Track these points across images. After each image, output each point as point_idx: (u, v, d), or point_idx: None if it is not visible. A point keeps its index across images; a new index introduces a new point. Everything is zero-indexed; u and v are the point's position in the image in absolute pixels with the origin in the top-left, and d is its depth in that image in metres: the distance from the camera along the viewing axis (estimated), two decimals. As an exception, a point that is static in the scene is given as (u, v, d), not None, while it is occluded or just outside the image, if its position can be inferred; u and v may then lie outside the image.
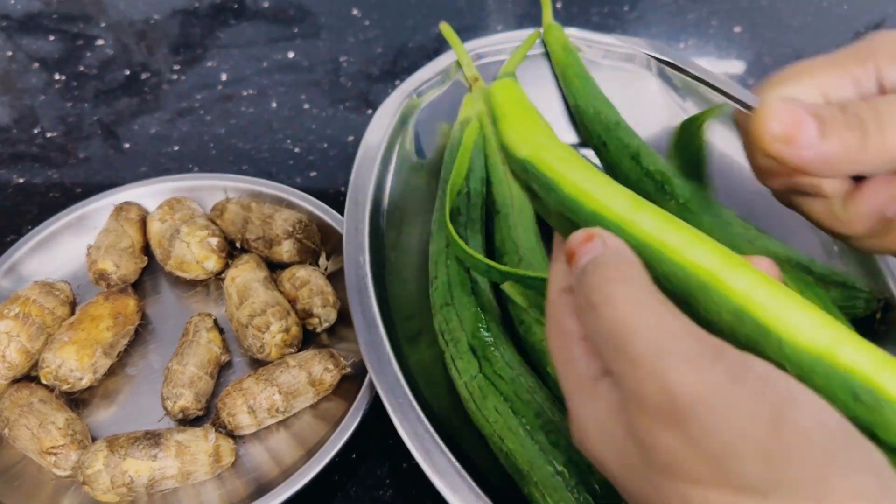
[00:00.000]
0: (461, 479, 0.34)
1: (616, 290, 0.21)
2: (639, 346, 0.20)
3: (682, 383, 0.19)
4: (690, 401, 0.18)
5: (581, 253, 0.23)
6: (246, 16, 0.83)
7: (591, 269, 0.22)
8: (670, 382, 0.19)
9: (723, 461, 0.18)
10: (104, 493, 0.41)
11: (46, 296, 0.48)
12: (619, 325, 0.20)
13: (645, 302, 0.21)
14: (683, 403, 0.19)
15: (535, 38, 0.62)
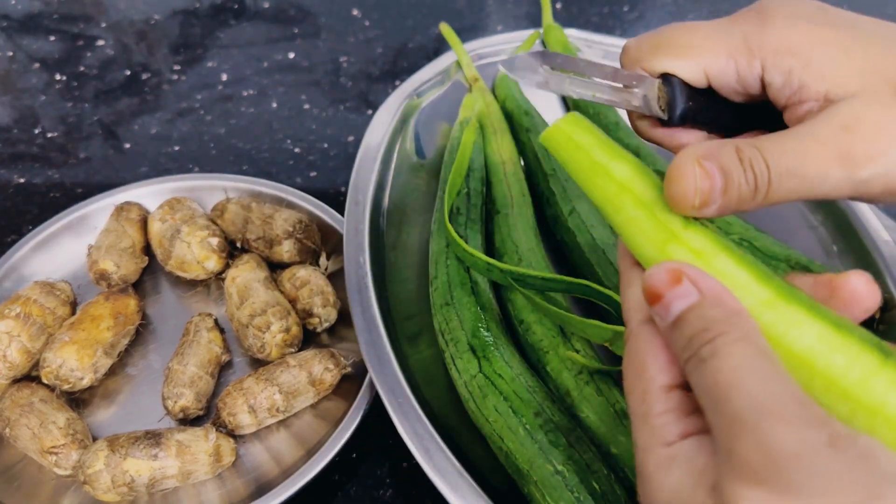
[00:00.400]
0: (461, 479, 0.34)
1: (727, 345, 0.20)
2: (740, 402, 0.19)
3: (781, 442, 0.18)
4: (787, 460, 0.18)
5: (671, 298, 0.22)
6: (246, 16, 0.83)
7: (697, 323, 0.21)
8: (768, 440, 0.18)
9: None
10: (105, 492, 0.41)
11: (47, 296, 0.48)
12: (723, 380, 0.20)
13: (756, 362, 0.20)
14: (779, 462, 0.18)
15: (535, 38, 0.62)
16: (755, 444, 0.18)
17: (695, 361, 0.21)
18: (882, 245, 0.46)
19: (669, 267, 0.23)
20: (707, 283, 0.22)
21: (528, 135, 0.54)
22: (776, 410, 0.19)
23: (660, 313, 0.23)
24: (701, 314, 0.21)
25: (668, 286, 0.22)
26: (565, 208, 0.49)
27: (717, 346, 0.20)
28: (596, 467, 0.34)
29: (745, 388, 0.19)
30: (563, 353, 0.40)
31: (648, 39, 0.30)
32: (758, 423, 0.19)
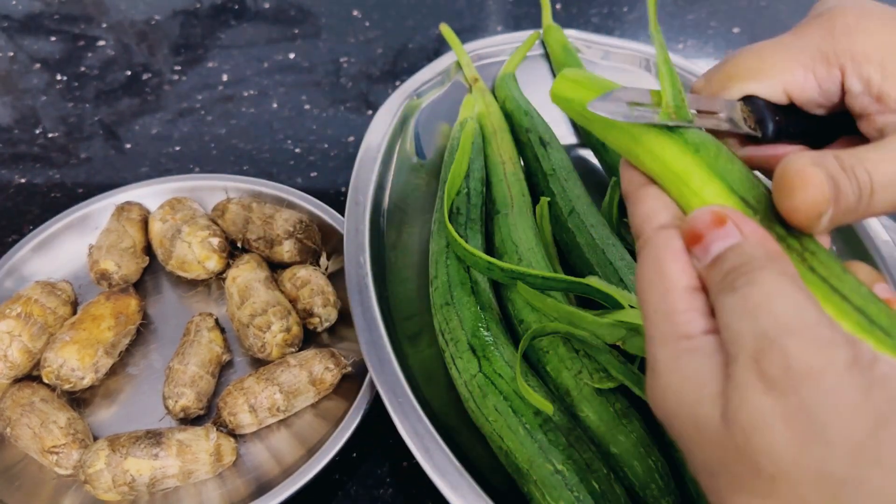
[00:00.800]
0: (461, 478, 0.34)
1: (765, 276, 0.20)
2: (770, 319, 0.19)
3: (802, 356, 0.18)
4: (803, 373, 0.18)
5: (713, 238, 0.22)
6: (247, 16, 0.83)
7: (736, 259, 0.21)
8: (791, 352, 0.18)
9: (810, 442, 0.18)
10: (105, 491, 0.41)
11: (48, 295, 0.48)
12: (753, 302, 0.20)
13: (789, 288, 0.20)
14: (795, 374, 0.18)
15: (535, 39, 0.62)
16: (779, 359, 0.18)
17: (727, 290, 0.21)
18: (882, 245, 0.46)
19: (714, 209, 0.22)
20: (750, 227, 0.22)
21: (528, 135, 0.54)
22: (802, 331, 0.19)
23: (698, 254, 0.22)
24: (741, 252, 0.21)
25: (711, 227, 0.22)
26: (565, 208, 0.49)
27: (753, 277, 0.20)
28: (595, 467, 0.35)
29: (775, 308, 0.19)
30: (564, 354, 0.40)
31: (717, 73, 0.29)
32: (782, 341, 0.19)
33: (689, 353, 0.21)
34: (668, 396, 0.22)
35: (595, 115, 0.26)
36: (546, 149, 0.53)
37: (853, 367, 0.18)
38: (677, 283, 0.23)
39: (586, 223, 0.47)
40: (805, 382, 0.18)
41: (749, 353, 0.19)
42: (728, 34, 0.79)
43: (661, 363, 0.22)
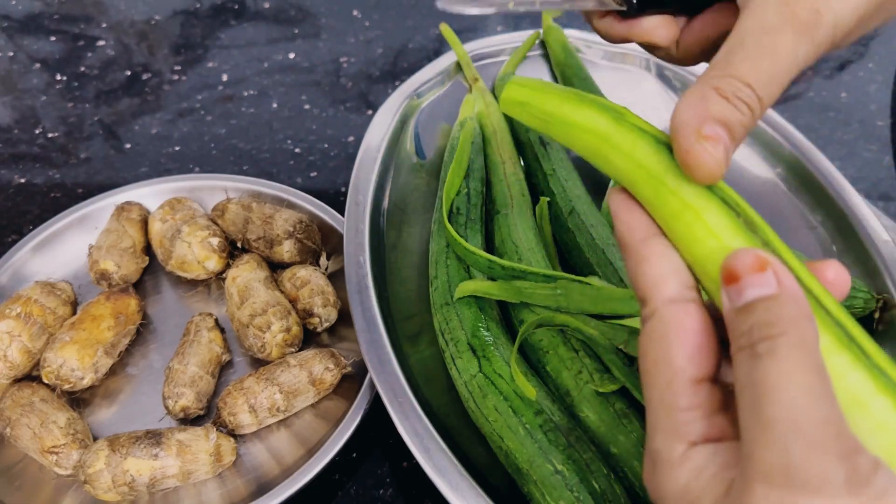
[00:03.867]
0: (461, 478, 0.34)
1: (786, 349, 0.20)
2: (779, 411, 0.19)
3: (803, 467, 0.18)
4: (800, 487, 0.18)
5: (749, 282, 0.21)
6: (246, 16, 0.83)
7: (765, 315, 0.21)
8: (793, 461, 0.19)
9: None
10: (105, 492, 0.41)
11: (48, 296, 0.48)
12: (771, 382, 0.20)
13: (808, 376, 0.20)
14: (794, 486, 0.18)
15: (535, 39, 0.62)
16: (779, 461, 0.19)
17: (748, 353, 0.21)
18: (882, 245, 0.46)
19: (757, 253, 0.22)
20: (788, 281, 0.22)
21: (527, 135, 0.54)
22: (809, 432, 0.19)
23: (731, 295, 0.22)
24: (772, 307, 0.21)
25: (751, 270, 0.22)
26: (565, 208, 0.49)
27: (776, 345, 0.20)
28: (595, 467, 0.35)
29: (789, 398, 0.19)
30: (564, 354, 0.40)
31: None
32: (788, 439, 0.19)
33: (682, 462, 0.22)
34: (668, 493, 0.22)
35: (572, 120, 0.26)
36: (546, 149, 0.53)
37: (851, 483, 0.18)
38: (683, 372, 0.22)
39: (586, 223, 0.47)
40: (803, 495, 0.18)
41: (754, 445, 0.19)
42: (728, 34, 0.79)
43: (663, 459, 0.22)
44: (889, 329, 0.44)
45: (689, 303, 0.23)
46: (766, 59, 0.25)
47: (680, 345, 0.22)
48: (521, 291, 0.41)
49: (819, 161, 0.52)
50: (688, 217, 0.24)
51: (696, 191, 0.24)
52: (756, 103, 0.25)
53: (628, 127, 0.26)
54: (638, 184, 0.25)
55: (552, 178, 0.51)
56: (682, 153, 0.24)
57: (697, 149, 0.23)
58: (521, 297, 0.41)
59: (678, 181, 0.24)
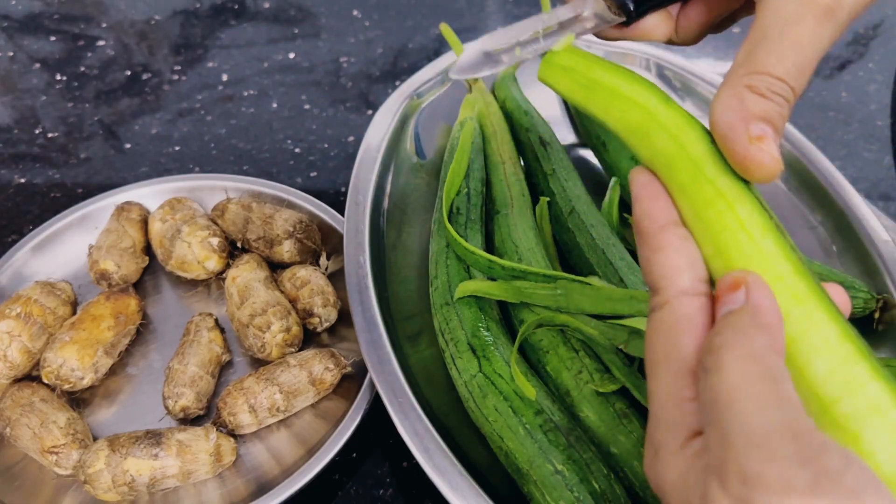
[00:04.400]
0: (461, 478, 0.34)
1: (731, 362, 0.20)
2: (731, 426, 0.19)
3: (763, 477, 0.18)
4: (767, 494, 0.18)
5: (725, 301, 0.22)
6: (246, 16, 0.83)
7: (720, 328, 0.21)
8: (751, 475, 0.18)
9: None
10: (105, 492, 0.41)
11: (48, 296, 0.48)
12: (721, 398, 0.20)
13: (756, 385, 0.20)
14: (760, 497, 0.18)
15: (535, 38, 0.62)
16: (739, 475, 0.19)
17: (702, 370, 0.21)
18: (882, 245, 0.46)
19: (735, 276, 0.22)
20: (758, 294, 0.22)
21: (528, 135, 0.54)
22: (764, 443, 0.19)
23: (716, 314, 0.23)
24: (728, 321, 0.21)
25: (727, 291, 0.22)
26: (565, 208, 0.49)
27: (720, 360, 0.20)
28: (595, 467, 0.35)
29: (739, 411, 0.19)
30: (564, 354, 0.40)
31: None
32: (744, 454, 0.19)
33: (681, 452, 0.22)
34: (667, 489, 0.22)
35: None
36: (546, 149, 0.53)
37: (817, 485, 0.18)
38: (690, 364, 0.22)
39: (586, 223, 0.47)
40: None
41: (716, 466, 0.19)
42: (728, 34, 0.79)
43: (664, 447, 0.22)
44: (889, 329, 0.44)
45: (700, 296, 0.23)
46: (792, 50, 0.25)
47: (689, 336, 0.23)
48: (521, 291, 0.41)
49: (819, 161, 0.52)
50: (720, 206, 0.24)
51: (733, 183, 0.24)
52: (790, 94, 0.25)
53: (676, 109, 0.26)
54: (675, 166, 0.25)
55: (552, 178, 0.51)
56: (738, 157, 0.24)
57: (754, 151, 0.23)
58: (521, 298, 0.41)
59: (718, 170, 0.24)
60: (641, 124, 0.26)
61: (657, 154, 0.25)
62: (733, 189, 0.24)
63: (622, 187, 0.51)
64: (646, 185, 0.25)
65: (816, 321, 0.22)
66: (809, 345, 0.22)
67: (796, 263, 0.23)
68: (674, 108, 0.26)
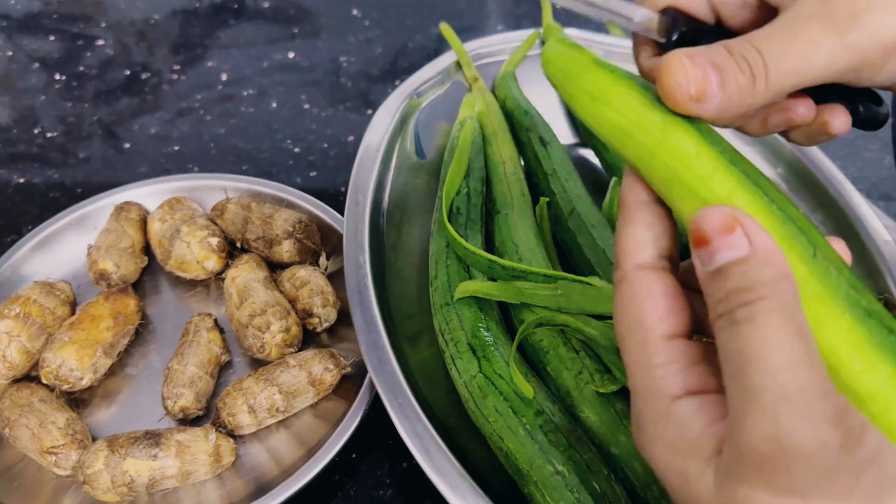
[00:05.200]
0: (461, 479, 0.34)
1: (766, 314, 0.19)
2: (764, 379, 0.19)
3: (795, 436, 0.18)
4: (797, 457, 0.18)
5: (719, 245, 0.21)
6: (246, 16, 0.83)
7: (740, 280, 0.20)
8: (782, 431, 0.18)
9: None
10: (104, 492, 0.41)
11: (47, 296, 0.48)
12: (753, 349, 0.19)
13: (790, 340, 0.19)
14: (788, 457, 0.18)
15: (535, 38, 0.62)
16: (769, 430, 0.18)
17: (727, 320, 0.20)
18: (882, 245, 0.46)
19: (724, 211, 0.21)
20: (760, 238, 0.21)
21: (528, 135, 0.54)
22: (797, 399, 0.18)
23: (703, 258, 0.21)
24: (747, 270, 0.20)
25: (719, 232, 0.21)
26: (565, 208, 0.49)
27: (755, 311, 0.19)
28: (596, 467, 0.34)
29: (773, 365, 0.19)
30: (565, 355, 0.40)
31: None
32: (776, 409, 0.18)
33: (666, 420, 0.22)
34: (656, 452, 0.22)
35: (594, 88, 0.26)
36: (546, 148, 0.53)
37: (845, 447, 0.18)
38: (655, 330, 0.22)
39: (587, 223, 0.47)
40: (797, 464, 0.18)
41: (742, 415, 0.19)
42: (728, 34, 0.79)
43: (646, 419, 0.22)
44: (890, 329, 0.44)
45: (658, 270, 0.23)
46: (784, 35, 0.26)
47: (650, 305, 0.23)
48: (521, 292, 0.41)
49: (819, 161, 0.52)
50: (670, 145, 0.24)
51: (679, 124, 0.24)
52: (760, 69, 0.25)
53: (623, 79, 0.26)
54: (614, 137, 0.25)
55: (552, 178, 0.51)
56: (660, 66, 0.24)
57: (674, 60, 0.24)
58: (522, 298, 0.41)
59: (729, 186, 0.23)
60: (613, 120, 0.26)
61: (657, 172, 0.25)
62: (666, 132, 0.24)
63: (622, 187, 0.51)
64: (632, 171, 0.26)
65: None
66: None
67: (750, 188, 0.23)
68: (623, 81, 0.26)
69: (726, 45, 0.25)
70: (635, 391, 0.23)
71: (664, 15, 0.31)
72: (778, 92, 0.26)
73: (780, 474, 0.18)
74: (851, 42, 0.26)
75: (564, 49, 0.28)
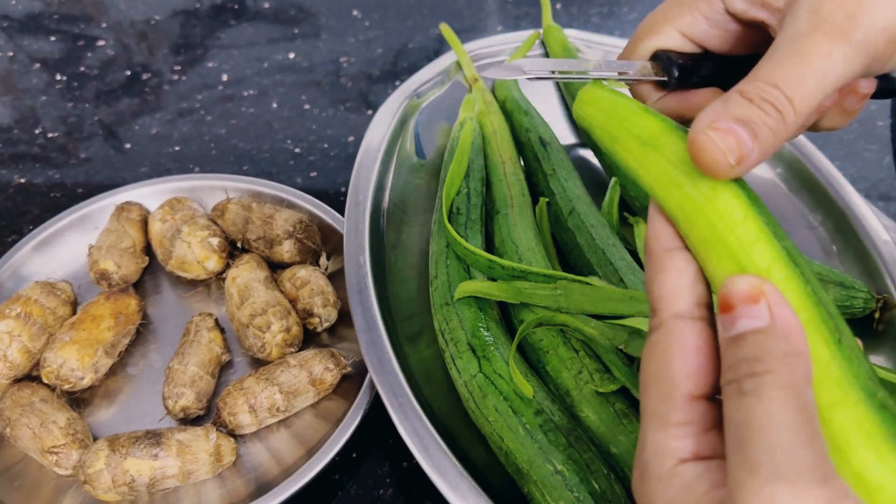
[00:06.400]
0: (461, 478, 0.34)
1: (772, 389, 0.20)
2: (763, 454, 0.19)
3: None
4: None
5: (741, 313, 0.21)
6: (246, 16, 0.83)
7: (753, 349, 0.20)
8: (777, 501, 0.18)
9: None
10: (105, 492, 0.41)
11: (48, 296, 0.48)
12: (755, 423, 0.19)
13: (794, 417, 0.19)
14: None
15: (535, 38, 0.62)
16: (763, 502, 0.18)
17: (735, 388, 0.20)
18: (882, 245, 0.46)
19: (752, 282, 0.21)
20: (782, 313, 0.21)
21: (528, 135, 0.54)
22: (793, 481, 0.18)
23: (725, 324, 0.22)
24: (761, 341, 0.21)
25: (744, 301, 0.21)
26: (565, 208, 0.49)
27: (761, 384, 0.20)
28: (595, 467, 0.35)
29: (773, 442, 0.19)
30: (564, 355, 0.40)
31: (630, 40, 0.32)
32: (771, 487, 0.19)
33: (670, 478, 0.22)
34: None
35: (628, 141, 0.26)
36: (546, 149, 0.53)
37: None
38: (680, 387, 0.22)
39: (586, 223, 0.47)
40: None
41: (739, 485, 0.19)
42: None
43: (651, 473, 0.22)
44: (889, 329, 0.44)
45: (696, 320, 0.23)
46: (793, 59, 0.25)
47: (681, 360, 0.22)
48: (521, 292, 0.41)
49: (819, 161, 0.52)
50: (708, 210, 0.24)
51: (715, 186, 0.24)
52: (785, 104, 0.24)
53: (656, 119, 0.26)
54: (659, 185, 0.25)
55: (552, 178, 0.51)
56: (690, 146, 0.24)
57: (702, 137, 0.23)
58: (521, 298, 0.41)
59: (697, 176, 0.24)
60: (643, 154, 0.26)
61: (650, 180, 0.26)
62: (716, 190, 0.24)
63: (622, 187, 0.51)
64: (658, 215, 0.26)
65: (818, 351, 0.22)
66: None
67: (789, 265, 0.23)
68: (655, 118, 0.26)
69: (741, 92, 0.25)
70: (645, 441, 0.23)
71: (656, 60, 0.31)
72: (808, 114, 0.25)
73: None
74: (859, 42, 0.26)
75: (609, 93, 0.28)
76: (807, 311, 0.22)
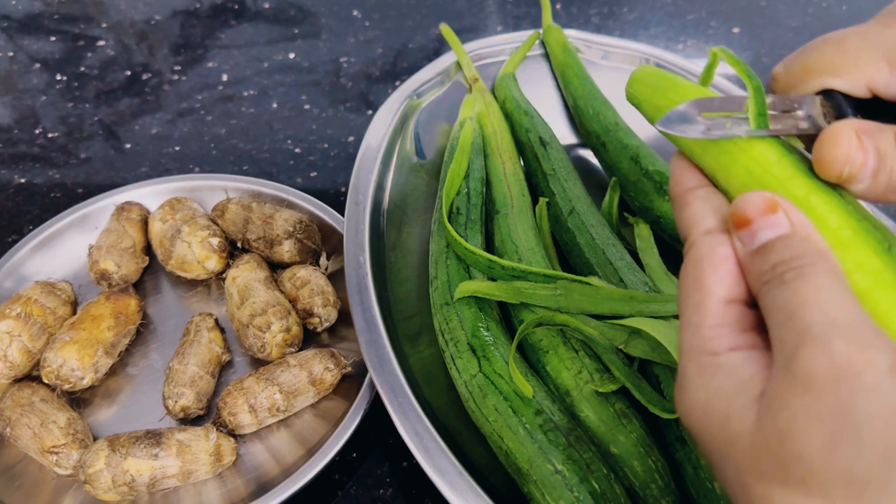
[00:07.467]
0: (461, 478, 0.34)
1: (816, 271, 0.20)
2: (814, 317, 0.19)
3: (844, 355, 0.18)
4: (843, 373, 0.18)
5: (762, 225, 0.22)
6: (246, 16, 0.83)
7: (787, 251, 0.21)
8: (835, 350, 0.18)
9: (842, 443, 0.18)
10: (105, 492, 0.41)
11: (48, 295, 0.48)
12: (803, 296, 0.20)
13: (840, 291, 0.20)
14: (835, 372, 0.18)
15: (535, 39, 0.62)
16: (822, 355, 0.19)
17: (776, 283, 0.21)
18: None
19: (765, 195, 0.22)
20: (799, 218, 0.22)
21: (527, 135, 0.54)
22: (848, 329, 0.19)
23: (744, 238, 0.22)
24: (791, 244, 0.21)
25: (761, 213, 0.22)
26: (565, 208, 0.49)
27: (804, 271, 0.20)
28: (595, 467, 0.35)
29: (823, 305, 0.19)
30: (564, 354, 0.40)
31: (797, 63, 0.28)
32: (828, 337, 0.19)
33: (713, 369, 0.22)
34: (695, 411, 0.22)
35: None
36: (546, 149, 0.53)
37: (893, 370, 0.18)
38: (713, 293, 0.23)
39: (586, 223, 0.47)
40: (844, 382, 0.18)
41: (793, 349, 0.19)
42: (728, 34, 0.79)
43: (689, 378, 0.22)
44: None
45: (724, 234, 0.24)
46: None
47: (711, 268, 0.23)
48: (521, 292, 0.42)
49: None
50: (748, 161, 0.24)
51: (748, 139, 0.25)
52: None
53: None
54: (697, 144, 0.26)
55: (552, 178, 0.51)
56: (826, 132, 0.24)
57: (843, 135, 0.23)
58: (521, 298, 0.41)
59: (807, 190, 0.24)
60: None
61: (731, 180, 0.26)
62: (751, 142, 0.25)
63: (622, 187, 0.51)
64: (679, 161, 0.27)
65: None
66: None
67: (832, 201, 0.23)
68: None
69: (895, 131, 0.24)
70: (682, 350, 0.23)
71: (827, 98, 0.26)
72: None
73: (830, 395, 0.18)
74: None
75: (657, 70, 0.29)
76: (851, 227, 0.23)
